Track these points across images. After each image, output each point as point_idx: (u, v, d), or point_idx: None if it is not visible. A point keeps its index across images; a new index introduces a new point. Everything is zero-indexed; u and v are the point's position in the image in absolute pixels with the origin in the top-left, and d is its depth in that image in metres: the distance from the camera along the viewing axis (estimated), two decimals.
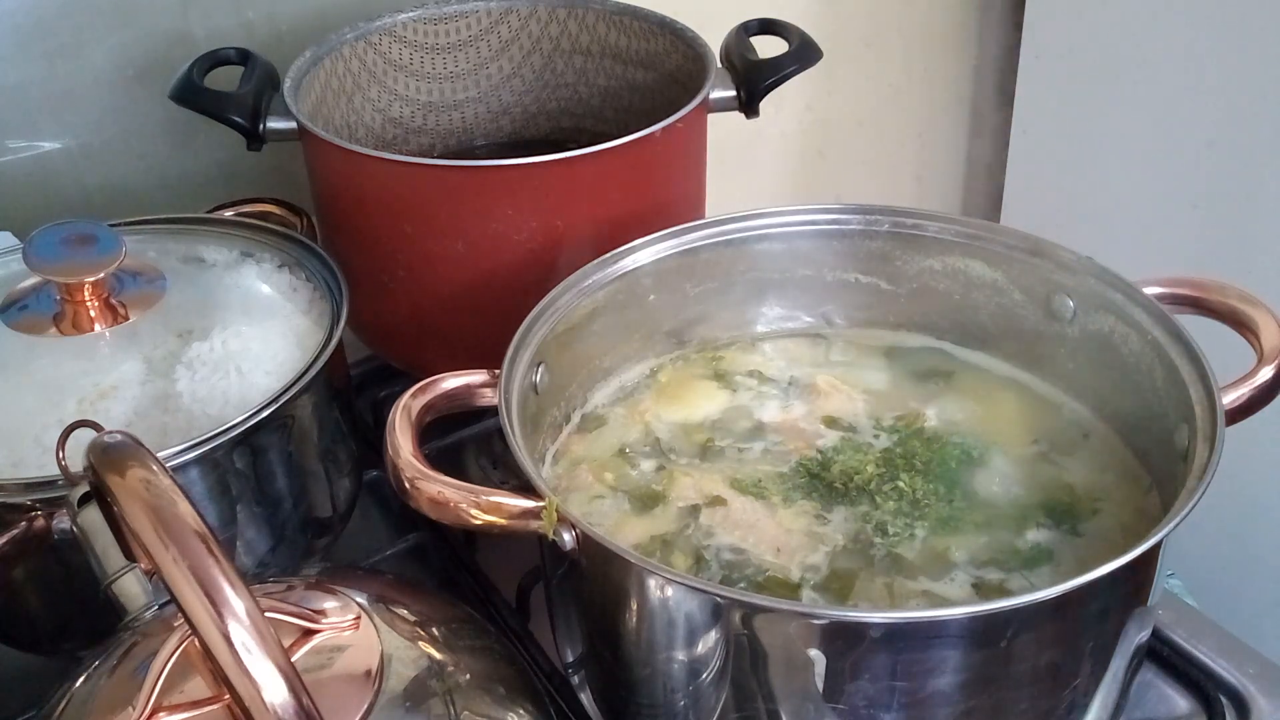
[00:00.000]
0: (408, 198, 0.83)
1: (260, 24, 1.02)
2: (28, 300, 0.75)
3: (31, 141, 0.97)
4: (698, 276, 0.80)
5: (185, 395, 0.71)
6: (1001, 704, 0.59)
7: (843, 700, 0.57)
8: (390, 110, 1.03)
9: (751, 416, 0.79)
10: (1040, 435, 0.76)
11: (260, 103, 0.87)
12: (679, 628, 0.58)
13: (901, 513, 0.70)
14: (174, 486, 0.47)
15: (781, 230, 0.81)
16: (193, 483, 0.69)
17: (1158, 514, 0.67)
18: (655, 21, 0.98)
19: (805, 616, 0.57)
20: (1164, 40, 1.30)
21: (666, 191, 0.89)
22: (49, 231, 0.74)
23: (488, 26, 1.03)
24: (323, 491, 0.79)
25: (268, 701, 0.44)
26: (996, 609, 0.55)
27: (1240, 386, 0.66)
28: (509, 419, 0.65)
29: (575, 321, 0.75)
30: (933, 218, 0.79)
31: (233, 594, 0.44)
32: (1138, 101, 1.35)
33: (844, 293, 0.83)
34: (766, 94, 0.92)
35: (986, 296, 0.79)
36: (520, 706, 0.58)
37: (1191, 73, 1.28)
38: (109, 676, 0.55)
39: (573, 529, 0.59)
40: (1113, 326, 0.73)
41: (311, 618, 0.54)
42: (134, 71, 0.98)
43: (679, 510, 0.71)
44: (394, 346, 0.94)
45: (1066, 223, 1.47)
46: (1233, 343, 0.70)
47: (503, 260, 0.83)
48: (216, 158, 1.03)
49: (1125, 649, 0.62)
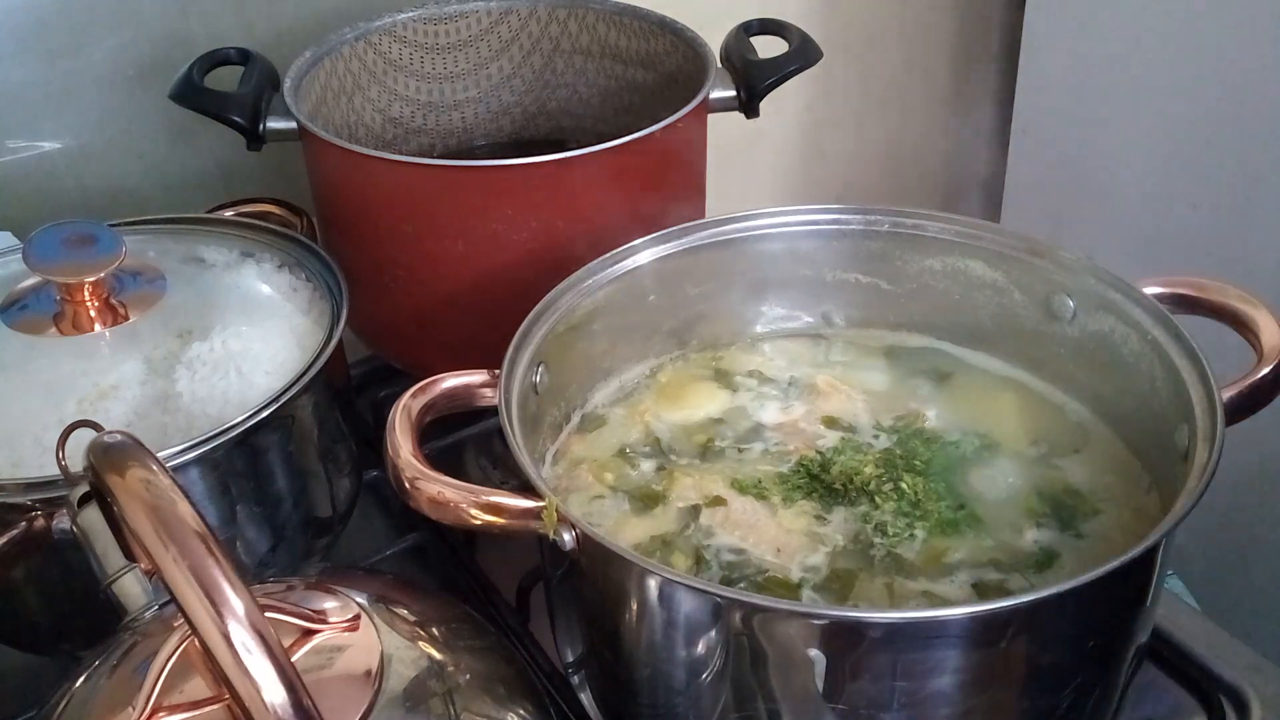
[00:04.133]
0: (408, 198, 0.83)
1: (260, 24, 1.02)
2: (28, 300, 0.75)
3: (31, 141, 0.97)
4: (698, 276, 0.80)
5: (185, 395, 0.71)
6: (1001, 704, 0.59)
7: (843, 700, 0.57)
8: (390, 110, 1.03)
9: (751, 417, 0.79)
10: (1040, 436, 0.76)
11: (260, 103, 0.87)
12: (679, 628, 0.58)
13: (902, 513, 0.70)
14: (174, 486, 0.47)
15: (781, 230, 0.81)
16: (193, 483, 0.69)
17: (1158, 514, 0.67)
18: (655, 21, 0.98)
19: (805, 616, 0.57)
20: (1164, 40, 1.30)
21: (666, 191, 0.89)
22: (49, 231, 0.74)
23: (488, 26, 1.03)
24: (323, 491, 0.79)
25: (268, 701, 0.44)
26: (996, 609, 0.55)
27: (1240, 386, 0.66)
28: (509, 419, 0.65)
29: (575, 321, 0.75)
30: (933, 218, 0.79)
31: (233, 594, 0.44)
32: (1138, 101, 1.35)
33: (844, 293, 0.83)
34: (766, 94, 0.92)
35: (986, 296, 0.79)
36: (520, 706, 0.58)
37: (1191, 72, 1.28)
38: (109, 676, 0.55)
39: (573, 529, 0.59)
40: (1113, 326, 0.73)
41: (311, 618, 0.54)
42: (134, 71, 0.98)
43: (679, 510, 0.71)
44: (394, 346, 0.94)
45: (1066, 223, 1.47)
46: (1233, 343, 0.70)
47: (503, 260, 0.83)
48: (216, 158, 1.03)
49: (1125, 649, 0.63)
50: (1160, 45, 1.31)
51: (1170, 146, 1.33)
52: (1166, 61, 1.30)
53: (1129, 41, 1.34)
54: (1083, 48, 1.39)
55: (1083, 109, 1.42)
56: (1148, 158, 1.36)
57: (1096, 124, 1.41)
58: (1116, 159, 1.40)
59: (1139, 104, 1.35)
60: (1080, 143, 1.44)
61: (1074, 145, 1.45)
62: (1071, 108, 1.43)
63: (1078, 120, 1.43)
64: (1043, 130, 1.49)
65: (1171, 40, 1.29)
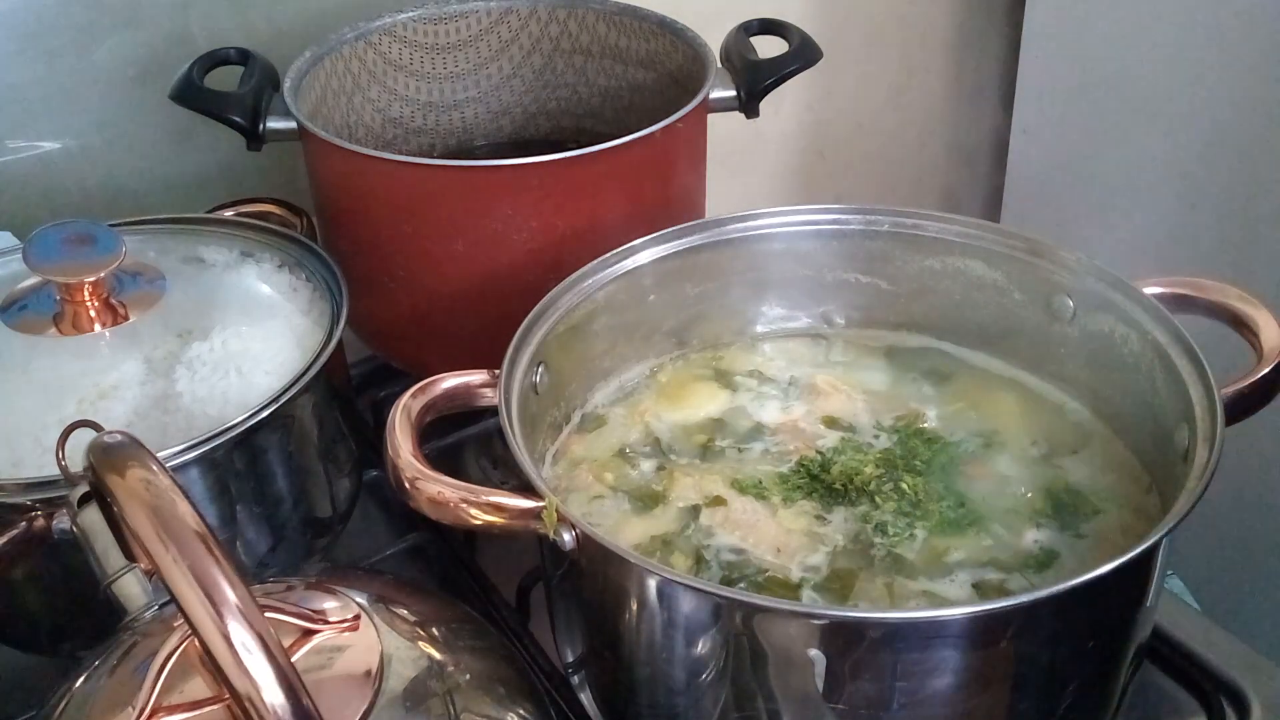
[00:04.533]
0: (408, 198, 0.83)
1: (260, 24, 1.02)
2: (28, 300, 0.75)
3: (31, 141, 0.97)
4: (698, 276, 0.80)
5: (185, 395, 0.71)
6: (1001, 704, 0.59)
7: (843, 700, 0.57)
8: (390, 110, 1.03)
9: (752, 416, 0.79)
10: (1040, 436, 0.76)
11: (260, 103, 0.87)
12: (679, 628, 0.58)
13: (902, 513, 0.70)
14: (174, 486, 0.47)
15: (781, 230, 0.81)
16: (193, 483, 0.69)
17: (1158, 514, 0.67)
18: (655, 21, 0.98)
19: (805, 616, 0.57)
20: (1164, 40, 1.30)
21: (666, 191, 0.89)
22: (49, 231, 0.74)
23: (488, 26, 1.03)
24: (323, 491, 0.79)
25: (268, 701, 0.44)
26: (996, 609, 0.55)
27: (1240, 386, 0.66)
28: (509, 419, 0.65)
29: (575, 321, 0.75)
30: (933, 218, 0.79)
31: (233, 594, 0.44)
32: (1138, 101, 1.35)
33: (844, 293, 0.83)
34: (766, 94, 0.92)
35: (986, 296, 0.79)
36: (520, 706, 0.58)
37: (1191, 73, 1.28)
38: (109, 676, 0.55)
39: (573, 529, 0.59)
40: (1113, 326, 0.73)
41: (311, 618, 0.54)
42: (134, 71, 0.98)
43: (679, 510, 0.71)
44: (394, 346, 0.94)
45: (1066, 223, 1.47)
46: (1233, 343, 0.70)
47: (503, 260, 0.83)
48: (216, 158, 1.03)
49: (1125, 649, 0.63)
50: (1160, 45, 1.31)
51: (1170, 146, 1.33)
52: (1166, 62, 1.30)
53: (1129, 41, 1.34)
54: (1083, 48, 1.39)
55: (1083, 109, 1.42)
56: (1148, 158, 1.36)
57: (1096, 124, 1.41)
58: (1116, 159, 1.40)
59: (1139, 104, 1.35)
60: (1080, 143, 1.44)
61: (1074, 145, 1.45)
62: (1071, 108, 1.43)
63: (1078, 120, 1.43)
64: (1043, 130, 1.49)
65: (1171, 40, 1.29)
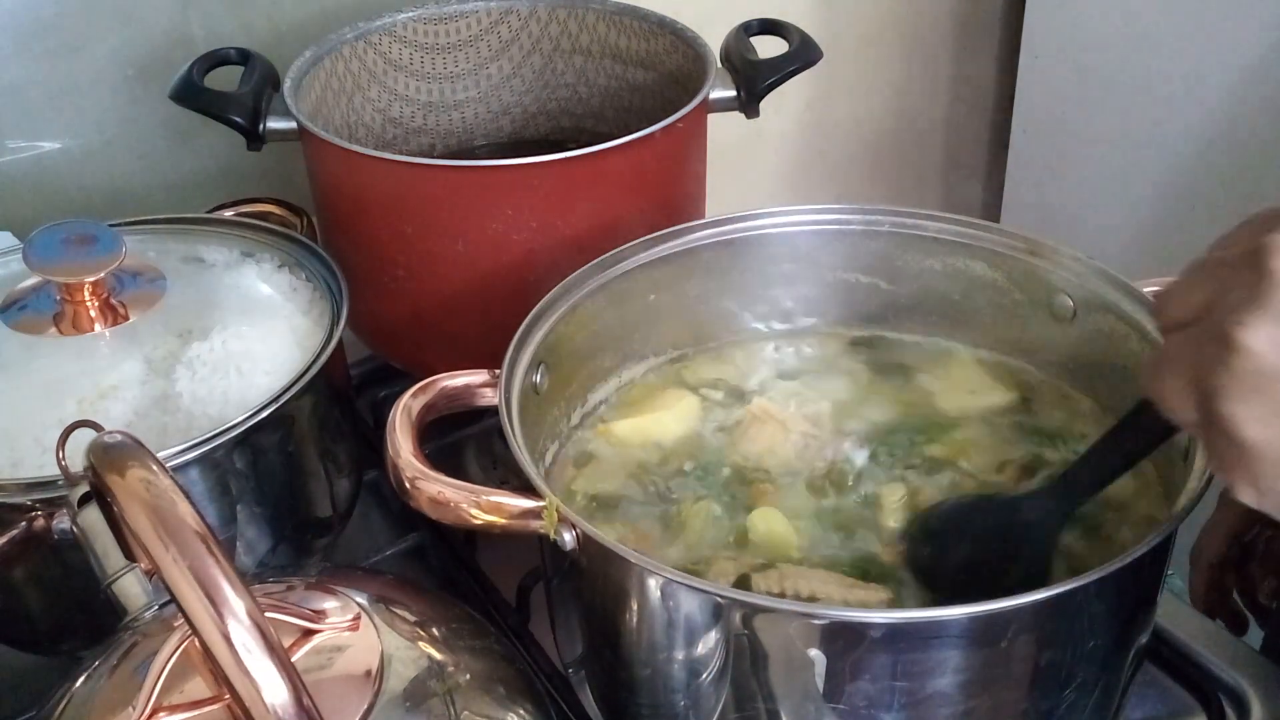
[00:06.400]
0: (408, 198, 0.83)
1: (260, 24, 1.02)
2: (28, 300, 0.75)
3: (31, 141, 0.97)
4: (698, 276, 0.80)
5: (185, 395, 0.71)
6: (1002, 704, 0.59)
7: (843, 700, 0.57)
8: (390, 110, 1.03)
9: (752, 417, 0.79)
10: (1040, 436, 0.76)
11: (260, 103, 0.87)
12: (679, 628, 0.58)
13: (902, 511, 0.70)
14: (174, 486, 0.47)
15: (781, 230, 0.81)
16: (193, 483, 0.69)
17: (1158, 514, 0.67)
18: (655, 21, 0.98)
19: (805, 616, 0.57)
20: (1164, 40, 1.30)
21: (666, 191, 0.89)
22: (49, 231, 0.74)
23: (488, 26, 1.03)
24: (323, 491, 0.79)
25: (268, 701, 0.44)
26: (997, 609, 0.55)
27: None
28: (509, 419, 0.65)
29: (575, 321, 0.75)
30: (933, 218, 0.79)
31: (233, 594, 0.44)
32: (1138, 101, 1.35)
33: (844, 293, 0.83)
34: (766, 94, 0.92)
35: (986, 296, 0.79)
36: (520, 706, 0.58)
37: (1191, 72, 1.28)
38: (109, 676, 0.55)
39: (573, 529, 0.59)
40: (1113, 326, 0.73)
41: (311, 618, 0.54)
42: (134, 71, 0.98)
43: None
44: (394, 346, 0.94)
45: (1066, 223, 1.48)
46: None
47: (503, 260, 0.83)
48: (216, 158, 1.03)
49: (1125, 649, 0.63)
50: (1160, 45, 1.31)
51: (1170, 146, 1.33)
52: (1166, 61, 1.31)
53: (1129, 41, 1.34)
54: (1083, 48, 1.39)
55: (1083, 109, 1.42)
56: (1147, 157, 1.36)
57: (1096, 124, 1.41)
58: (1116, 159, 1.40)
59: (1139, 103, 1.35)
60: (1080, 143, 1.44)
61: (1074, 145, 1.45)
62: (1071, 108, 1.43)
63: (1078, 120, 1.43)
64: (1043, 130, 1.49)
65: (1171, 40, 1.29)
